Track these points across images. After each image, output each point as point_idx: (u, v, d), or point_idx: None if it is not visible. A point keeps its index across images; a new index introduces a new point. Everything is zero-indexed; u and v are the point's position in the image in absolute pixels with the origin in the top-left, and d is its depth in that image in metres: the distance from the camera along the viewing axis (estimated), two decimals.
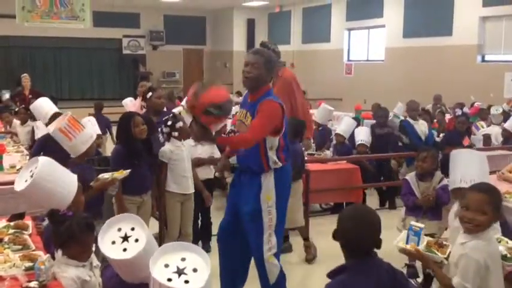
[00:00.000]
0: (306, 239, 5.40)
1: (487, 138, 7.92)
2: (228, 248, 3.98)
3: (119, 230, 2.32)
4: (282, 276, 3.87)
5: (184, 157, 4.85)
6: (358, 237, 2.29)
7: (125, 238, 2.29)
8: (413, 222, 2.95)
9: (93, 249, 2.84)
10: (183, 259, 2.05)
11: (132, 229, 2.32)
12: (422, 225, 2.89)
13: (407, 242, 2.82)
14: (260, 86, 3.71)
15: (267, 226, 3.72)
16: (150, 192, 4.70)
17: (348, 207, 2.54)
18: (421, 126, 7.26)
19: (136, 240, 2.28)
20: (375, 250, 2.34)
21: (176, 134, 4.78)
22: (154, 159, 4.75)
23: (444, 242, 2.89)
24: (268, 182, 3.72)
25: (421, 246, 2.79)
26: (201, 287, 1.96)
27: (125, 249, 2.25)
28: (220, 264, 4.03)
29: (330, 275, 2.34)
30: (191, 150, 5.18)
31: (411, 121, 7.27)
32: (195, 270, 2.02)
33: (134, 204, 4.53)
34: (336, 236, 2.35)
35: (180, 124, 4.79)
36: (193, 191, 4.98)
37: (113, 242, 2.28)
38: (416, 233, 2.80)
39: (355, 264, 2.29)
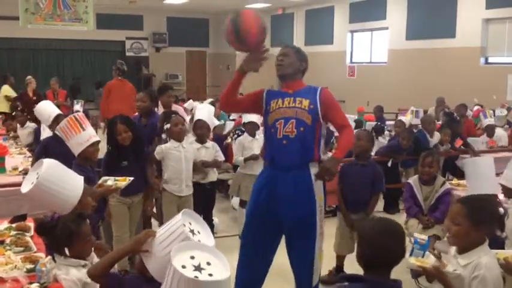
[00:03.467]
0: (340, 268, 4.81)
1: (490, 129, 7.94)
2: (254, 260, 3.77)
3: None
4: (318, 280, 3.77)
5: (181, 158, 4.83)
6: (382, 249, 2.22)
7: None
8: (417, 235, 2.85)
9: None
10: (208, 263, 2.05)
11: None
12: (426, 237, 2.80)
13: (410, 255, 2.70)
14: (295, 74, 3.70)
15: (319, 226, 3.62)
16: (142, 194, 4.70)
17: (368, 219, 2.47)
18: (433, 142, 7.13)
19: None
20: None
21: (164, 134, 4.88)
22: (145, 160, 4.73)
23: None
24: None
25: (425, 259, 2.72)
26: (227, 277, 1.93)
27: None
28: (240, 277, 3.82)
29: (344, 277, 2.29)
30: (195, 153, 5.18)
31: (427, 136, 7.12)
32: (210, 274, 2.00)
33: (124, 205, 4.55)
34: (359, 253, 2.28)
35: (167, 126, 4.85)
36: (188, 194, 4.93)
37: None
38: (422, 247, 2.69)
39: (375, 280, 2.23)
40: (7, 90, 12.13)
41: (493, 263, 2.56)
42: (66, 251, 2.73)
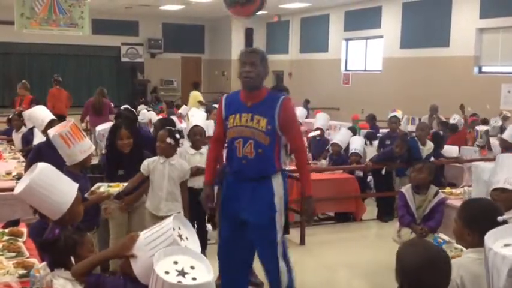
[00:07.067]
0: None
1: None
2: (232, 262, 3.86)
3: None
4: (291, 279, 3.81)
5: (163, 175, 4.43)
6: (421, 283, 2.04)
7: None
8: (441, 234, 2.87)
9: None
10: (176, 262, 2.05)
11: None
12: (447, 238, 2.82)
13: None
14: (260, 85, 3.65)
15: (280, 229, 3.70)
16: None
17: (409, 243, 2.22)
18: (426, 152, 7.03)
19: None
20: None
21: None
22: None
23: None
24: (278, 185, 3.67)
25: None
26: (210, 280, 1.94)
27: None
28: (223, 279, 3.95)
29: None
30: (190, 159, 5.12)
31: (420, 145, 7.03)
32: (194, 278, 2.01)
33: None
34: (398, 277, 2.10)
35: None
36: (165, 215, 4.15)
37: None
38: (439, 245, 2.78)
39: None
40: (198, 96, 13.43)
41: (467, 262, 2.46)
42: (72, 260, 2.72)
